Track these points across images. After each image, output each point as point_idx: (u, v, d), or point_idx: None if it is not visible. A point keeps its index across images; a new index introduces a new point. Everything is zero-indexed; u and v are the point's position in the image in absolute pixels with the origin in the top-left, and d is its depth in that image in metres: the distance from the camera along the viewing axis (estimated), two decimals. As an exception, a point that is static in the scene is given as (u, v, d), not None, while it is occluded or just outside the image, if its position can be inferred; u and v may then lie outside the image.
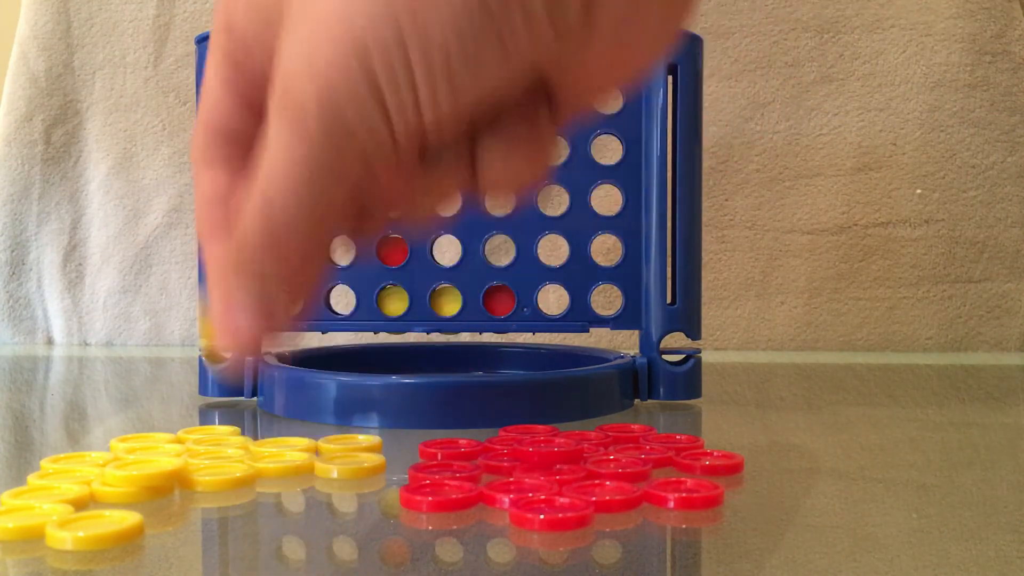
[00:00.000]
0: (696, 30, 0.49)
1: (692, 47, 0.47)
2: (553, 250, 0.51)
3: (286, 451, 0.35)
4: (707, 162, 0.72)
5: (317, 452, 0.36)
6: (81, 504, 0.29)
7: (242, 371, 0.47)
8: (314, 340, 0.72)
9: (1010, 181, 0.73)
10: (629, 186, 0.48)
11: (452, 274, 0.48)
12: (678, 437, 0.38)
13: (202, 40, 0.48)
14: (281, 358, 0.49)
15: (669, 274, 0.48)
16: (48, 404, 0.55)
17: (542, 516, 0.27)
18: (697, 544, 0.29)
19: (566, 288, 0.48)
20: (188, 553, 0.27)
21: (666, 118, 0.47)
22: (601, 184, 0.48)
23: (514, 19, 0.20)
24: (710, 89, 0.73)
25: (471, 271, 0.48)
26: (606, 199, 0.50)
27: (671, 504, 0.30)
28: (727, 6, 0.73)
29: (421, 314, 0.48)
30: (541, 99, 0.22)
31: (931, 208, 0.73)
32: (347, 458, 0.35)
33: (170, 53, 0.78)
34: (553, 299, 0.59)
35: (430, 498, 0.29)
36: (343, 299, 0.49)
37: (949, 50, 0.72)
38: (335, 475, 0.34)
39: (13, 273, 0.80)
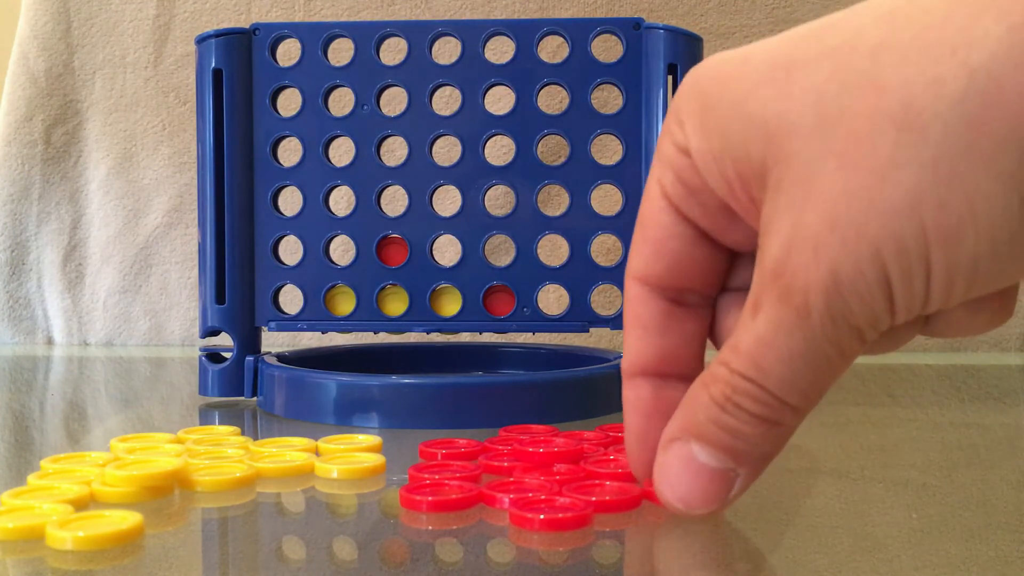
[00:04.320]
0: (696, 30, 0.49)
1: (692, 47, 0.47)
2: (553, 250, 0.51)
3: (286, 451, 0.35)
4: (707, 162, 0.72)
5: (317, 452, 0.36)
6: (81, 504, 0.29)
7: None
8: (314, 340, 0.72)
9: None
10: (629, 186, 0.48)
11: (452, 274, 0.48)
12: (678, 437, 0.38)
13: (202, 40, 0.48)
14: (281, 358, 0.49)
15: (669, 274, 0.48)
16: (48, 404, 0.55)
17: (542, 516, 0.27)
18: (697, 544, 0.29)
19: (566, 288, 0.48)
20: (188, 553, 0.27)
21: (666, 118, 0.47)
22: (601, 184, 0.48)
23: None
24: (710, 89, 0.73)
25: (471, 271, 0.48)
26: (606, 199, 0.50)
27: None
28: (727, 6, 0.73)
29: (421, 314, 0.48)
30: None
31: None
32: (347, 458, 0.35)
33: (170, 53, 0.78)
34: (553, 299, 0.59)
35: (430, 498, 0.29)
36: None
37: (949, 50, 0.72)
38: (335, 475, 0.34)
39: (13, 273, 0.80)
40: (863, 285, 0.19)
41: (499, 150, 0.62)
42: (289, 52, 0.49)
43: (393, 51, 0.50)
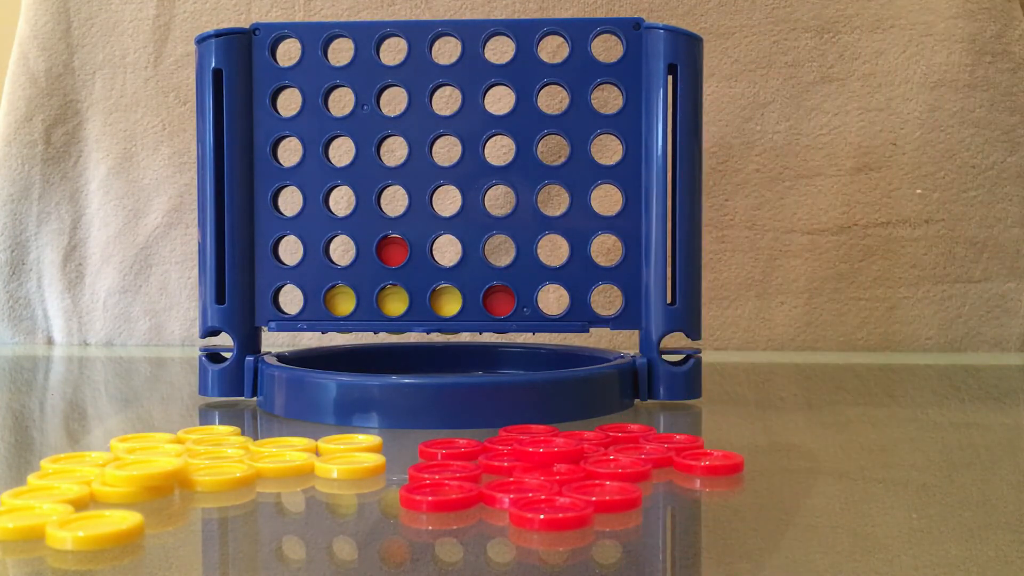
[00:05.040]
0: (696, 30, 0.49)
1: (692, 47, 0.47)
2: (553, 250, 0.51)
3: (286, 451, 0.35)
4: (707, 162, 0.72)
5: (317, 452, 0.36)
6: (81, 504, 0.29)
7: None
8: (314, 340, 0.72)
9: (1010, 181, 0.73)
10: (629, 186, 0.48)
11: (452, 274, 0.48)
12: (678, 437, 0.38)
13: (202, 40, 0.48)
14: (281, 358, 0.49)
15: (669, 274, 0.48)
16: (48, 404, 0.55)
17: (542, 516, 0.27)
18: (697, 544, 0.29)
19: (566, 288, 0.48)
20: (188, 553, 0.27)
21: (666, 118, 0.47)
22: (601, 184, 0.48)
23: None
24: (710, 89, 0.73)
25: (471, 271, 0.48)
26: (606, 199, 0.50)
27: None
28: (727, 6, 0.73)
29: (421, 314, 0.48)
30: None
31: (931, 208, 0.73)
32: (347, 458, 0.35)
33: (170, 53, 0.78)
34: (553, 299, 0.59)
35: (430, 498, 0.29)
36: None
37: (949, 50, 0.72)
38: (335, 475, 0.34)
39: (13, 273, 0.80)
40: None
41: (499, 150, 0.62)
42: (289, 52, 0.49)
43: (393, 51, 0.50)
